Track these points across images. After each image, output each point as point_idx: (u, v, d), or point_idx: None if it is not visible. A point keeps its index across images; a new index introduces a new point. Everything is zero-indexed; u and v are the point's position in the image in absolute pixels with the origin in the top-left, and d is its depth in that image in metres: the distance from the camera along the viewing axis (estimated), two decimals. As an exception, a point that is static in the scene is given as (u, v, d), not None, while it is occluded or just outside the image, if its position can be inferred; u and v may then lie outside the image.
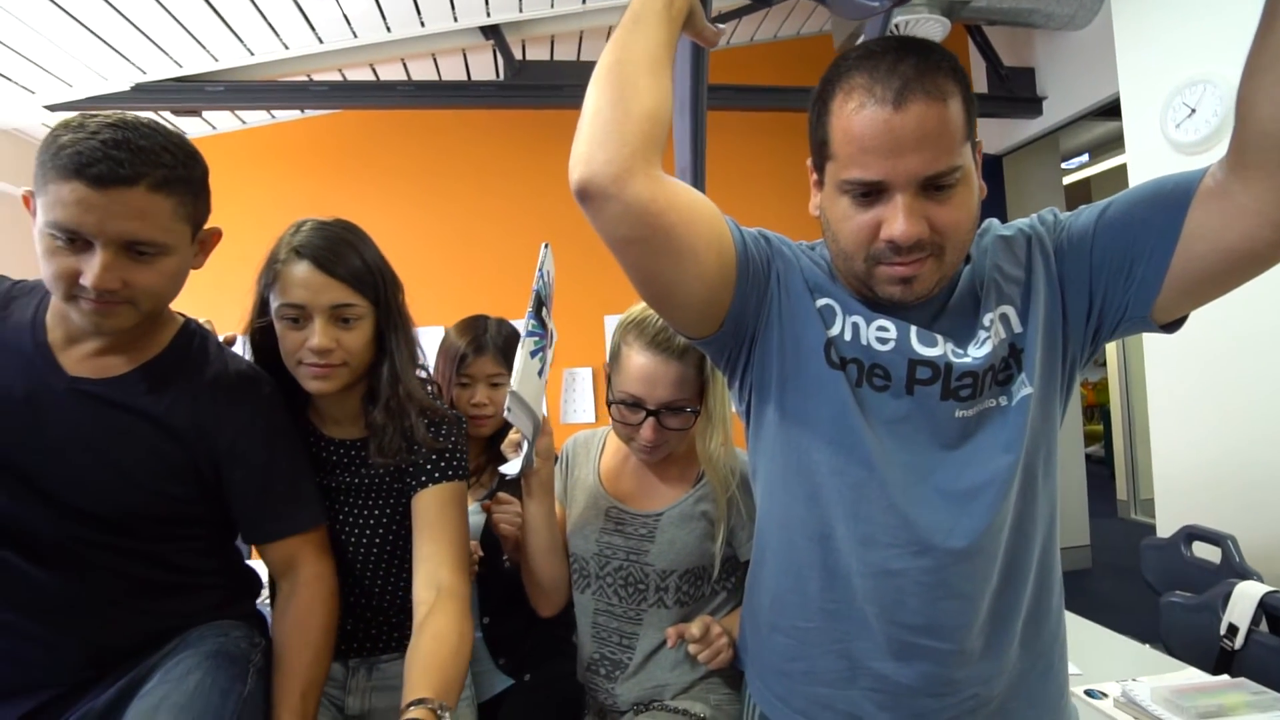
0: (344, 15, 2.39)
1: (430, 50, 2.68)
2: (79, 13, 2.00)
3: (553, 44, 2.91)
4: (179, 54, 2.33)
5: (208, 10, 2.17)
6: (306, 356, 0.93)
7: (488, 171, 3.01)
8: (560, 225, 3.00)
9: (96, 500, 0.85)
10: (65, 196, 0.77)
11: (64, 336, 0.88)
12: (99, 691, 0.86)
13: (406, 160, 2.93)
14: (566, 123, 2.99)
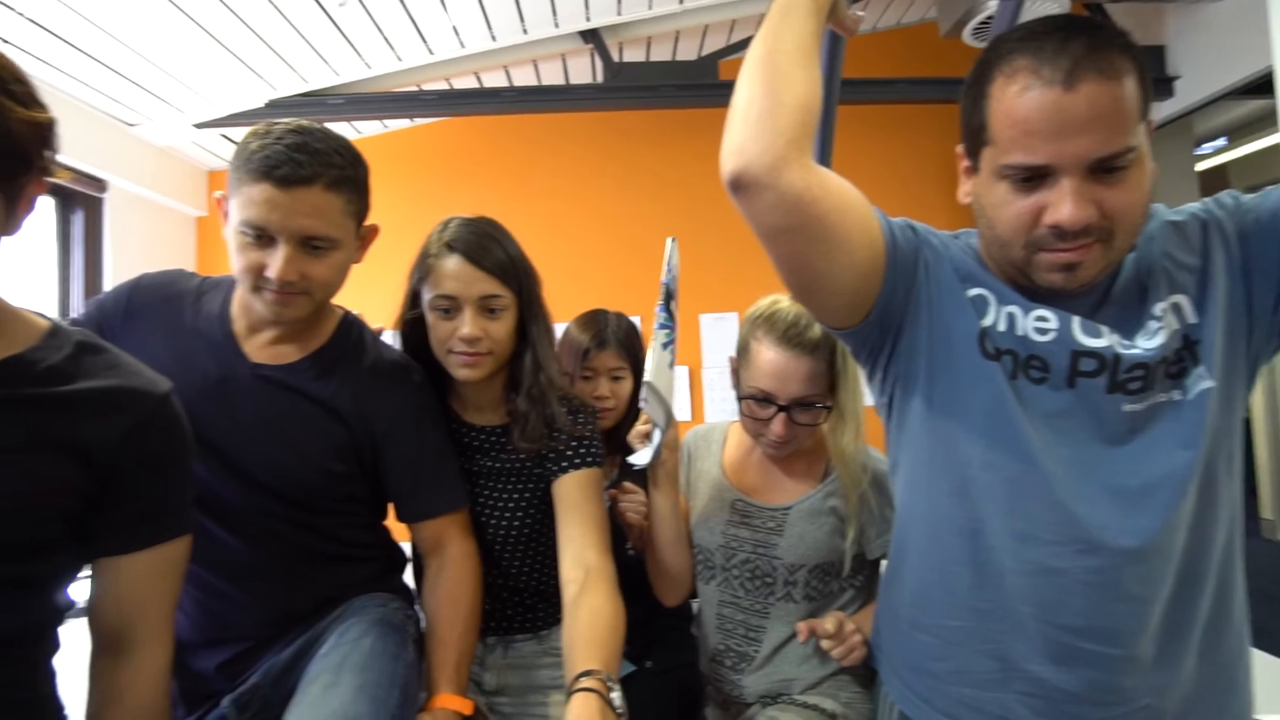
0: (453, 27, 2.50)
1: (531, 57, 2.77)
2: (218, 33, 2.17)
3: (649, 46, 2.94)
4: (305, 70, 2.50)
5: (331, 27, 2.32)
6: (456, 345, 0.99)
7: (585, 172, 3.07)
8: (656, 223, 3.06)
9: (275, 475, 0.93)
10: (255, 196, 0.84)
11: (247, 326, 0.96)
12: (281, 647, 0.94)
13: (508, 163, 3.04)
14: (663, 123, 3.04)
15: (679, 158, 3.05)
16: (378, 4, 2.27)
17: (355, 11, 2.29)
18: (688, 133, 3.03)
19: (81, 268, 2.38)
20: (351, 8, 2.28)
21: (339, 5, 2.28)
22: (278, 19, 2.17)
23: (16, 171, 0.62)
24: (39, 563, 0.70)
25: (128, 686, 0.75)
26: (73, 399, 0.70)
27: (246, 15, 2.11)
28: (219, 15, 2.07)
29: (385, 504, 1.07)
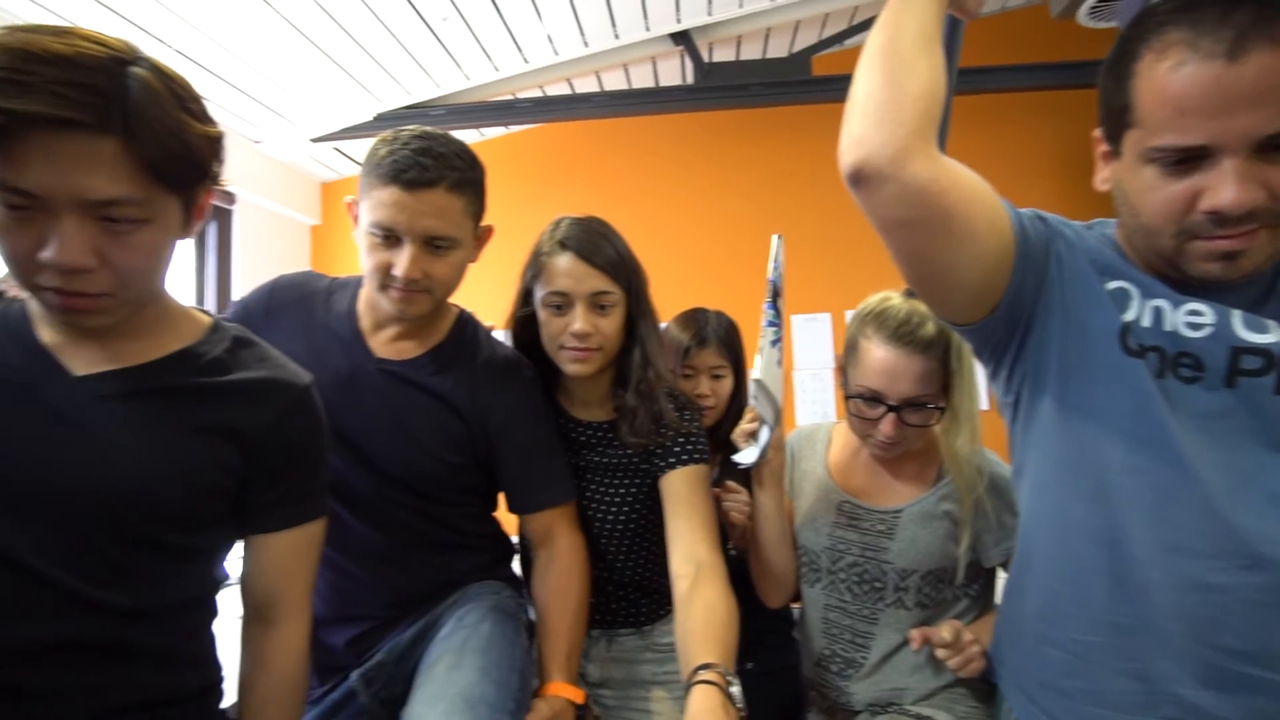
0: (547, 35, 2.57)
1: (622, 61, 2.80)
2: (331, 50, 2.31)
3: (739, 45, 2.92)
4: (409, 83, 2.63)
5: (433, 41, 2.43)
6: (568, 341, 1.02)
7: (678, 173, 3.08)
8: (750, 222, 3.03)
9: (398, 465, 0.98)
10: (385, 199, 0.89)
11: (372, 324, 1.02)
12: (404, 628, 0.99)
13: (600, 166, 3.09)
14: (755, 121, 2.98)
15: (770, 156, 3.01)
16: (477, 17, 2.36)
17: (456, 25, 2.39)
18: (781, 131, 2.99)
19: (214, 273, 2.59)
20: (453, 21, 2.39)
21: (442, 20, 2.38)
22: (385, 35, 2.30)
23: (195, 181, 0.68)
24: (203, 535, 0.77)
25: (274, 654, 0.82)
26: (231, 388, 0.76)
27: (356, 32, 2.24)
28: (332, 34, 2.21)
29: (495, 496, 1.12)
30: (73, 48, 0.60)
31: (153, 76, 0.64)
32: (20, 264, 0.62)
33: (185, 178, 0.67)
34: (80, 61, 0.59)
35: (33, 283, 0.63)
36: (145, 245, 0.66)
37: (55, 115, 0.57)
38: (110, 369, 0.71)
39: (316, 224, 3.16)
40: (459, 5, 2.29)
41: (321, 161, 3.05)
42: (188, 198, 0.69)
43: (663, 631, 1.17)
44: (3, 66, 0.56)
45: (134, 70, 0.63)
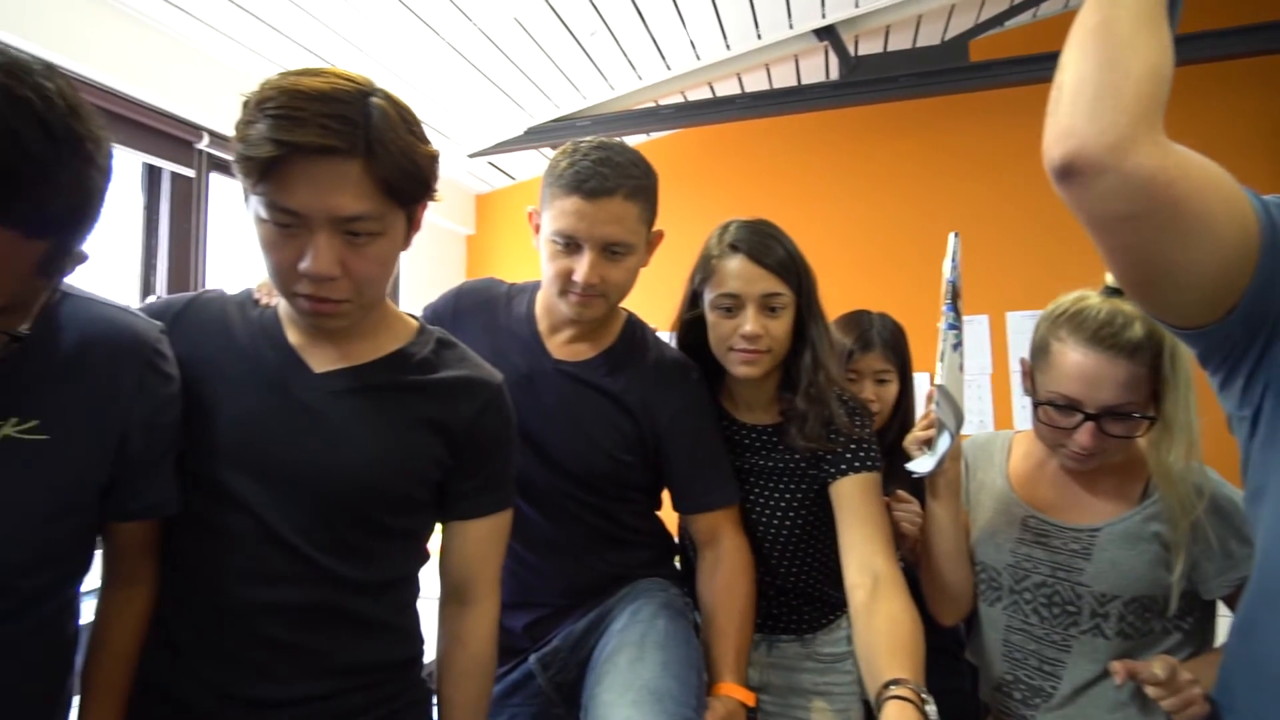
0: (690, 41, 2.59)
1: (764, 61, 2.78)
2: (484, 67, 2.46)
3: (887, 35, 2.81)
4: (557, 96, 2.75)
5: (580, 54, 2.52)
6: (737, 343, 1.02)
7: (825, 171, 3.02)
8: (905, 220, 2.90)
9: (572, 461, 1.03)
10: (567, 208, 0.94)
11: (549, 326, 1.08)
12: (577, 617, 1.04)
13: (743, 169, 3.08)
14: (905, 114, 2.82)
15: (923, 150, 2.88)
16: (622, 27, 2.43)
17: (603, 37, 2.48)
18: (935, 122, 2.85)
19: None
20: (600, 34, 2.47)
21: (590, 34, 2.48)
22: (535, 51, 2.42)
23: (420, 196, 0.76)
24: (414, 518, 0.85)
25: (469, 633, 0.88)
26: (438, 386, 0.84)
27: (509, 50, 2.37)
28: (486, 52, 2.35)
29: (660, 494, 1.14)
30: (330, 84, 0.68)
31: (388, 105, 0.71)
32: (282, 273, 0.71)
33: (414, 194, 0.74)
34: (337, 96, 0.68)
35: (290, 290, 0.72)
36: (379, 256, 0.74)
37: (321, 144, 0.65)
38: (342, 367, 0.80)
39: (471, 234, 3.39)
40: (606, 17, 2.37)
41: (476, 175, 3.26)
42: (411, 212, 0.76)
43: (825, 641, 1.15)
44: (280, 105, 0.65)
45: (374, 100, 0.70)
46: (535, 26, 2.31)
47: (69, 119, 0.53)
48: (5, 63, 0.51)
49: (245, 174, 0.67)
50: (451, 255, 3.33)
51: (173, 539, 0.77)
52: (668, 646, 0.92)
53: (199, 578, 0.76)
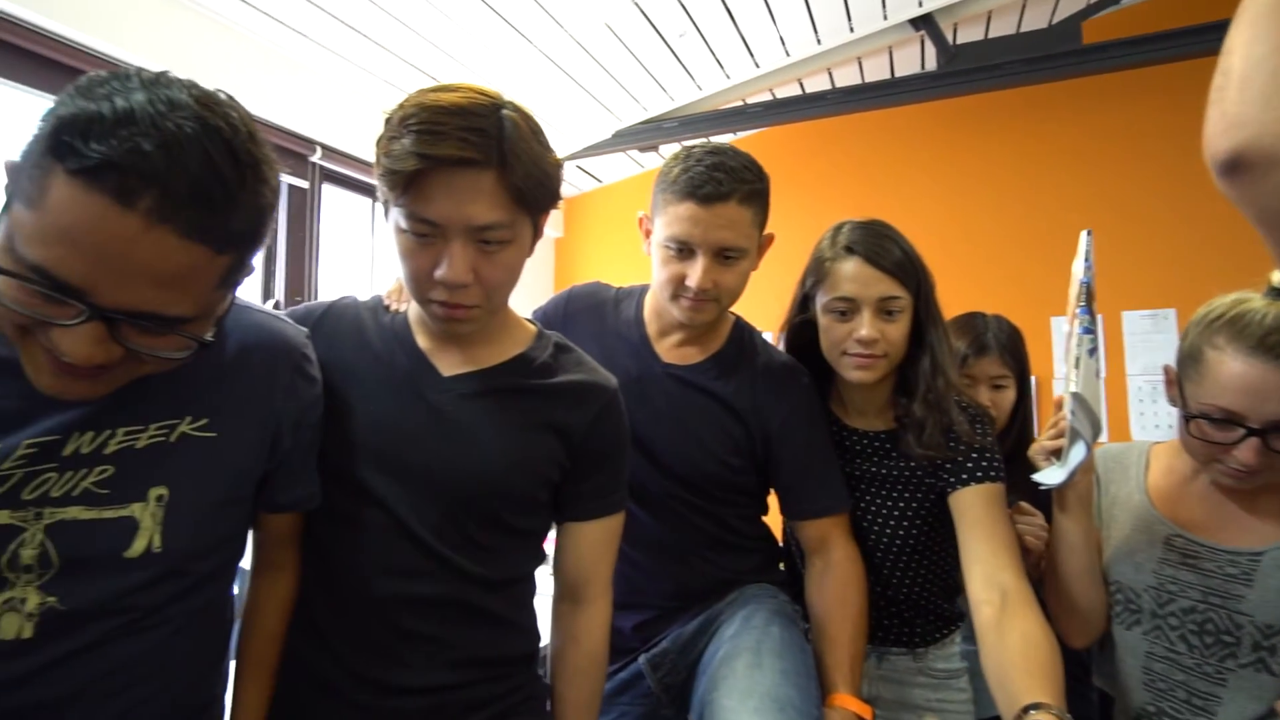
0: (780, 38, 2.55)
1: (856, 55, 2.70)
2: (574, 72, 2.50)
3: (989, 21, 2.68)
4: (645, 99, 2.77)
5: (669, 56, 2.53)
6: (851, 347, 1.00)
7: (920, 167, 2.92)
8: (1012, 216, 2.77)
9: (682, 464, 1.03)
10: (681, 214, 0.94)
11: (658, 330, 1.08)
12: (686, 620, 1.04)
13: (833, 166, 3.02)
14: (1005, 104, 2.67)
15: (1026, 142, 2.73)
16: (711, 27, 2.42)
17: (692, 37, 2.47)
18: (1041, 111, 2.70)
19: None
20: (689, 35, 2.47)
21: (679, 36, 2.48)
22: (624, 54, 2.44)
23: (548, 204, 0.78)
24: (534, 518, 0.87)
25: (583, 631, 0.90)
26: (557, 390, 0.86)
27: (598, 54, 2.40)
28: (576, 57, 2.39)
29: (767, 499, 1.13)
30: (466, 99, 0.71)
31: (519, 116, 0.74)
32: (418, 281, 0.75)
33: (542, 202, 0.76)
34: (473, 109, 0.70)
35: (425, 296, 0.76)
36: (508, 263, 0.76)
37: (460, 156, 0.68)
38: (468, 370, 0.83)
39: (560, 236, 3.45)
40: (695, 18, 2.37)
41: (565, 179, 3.32)
42: (537, 220, 0.78)
43: (938, 656, 1.11)
44: (422, 121, 0.68)
45: (505, 112, 0.73)
46: (625, 31, 2.33)
47: (249, 144, 0.57)
48: (199, 95, 0.55)
49: (390, 187, 0.70)
50: (541, 258, 3.41)
51: (316, 530, 0.82)
52: (785, 655, 0.90)
53: (339, 568, 0.80)
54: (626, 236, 3.18)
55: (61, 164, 0.50)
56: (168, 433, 0.67)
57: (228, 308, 0.63)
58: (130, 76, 0.54)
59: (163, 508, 0.66)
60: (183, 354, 0.59)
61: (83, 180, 0.50)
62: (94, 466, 0.63)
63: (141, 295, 0.54)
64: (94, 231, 0.50)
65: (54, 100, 0.54)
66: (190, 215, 0.53)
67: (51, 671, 0.62)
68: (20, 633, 0.60)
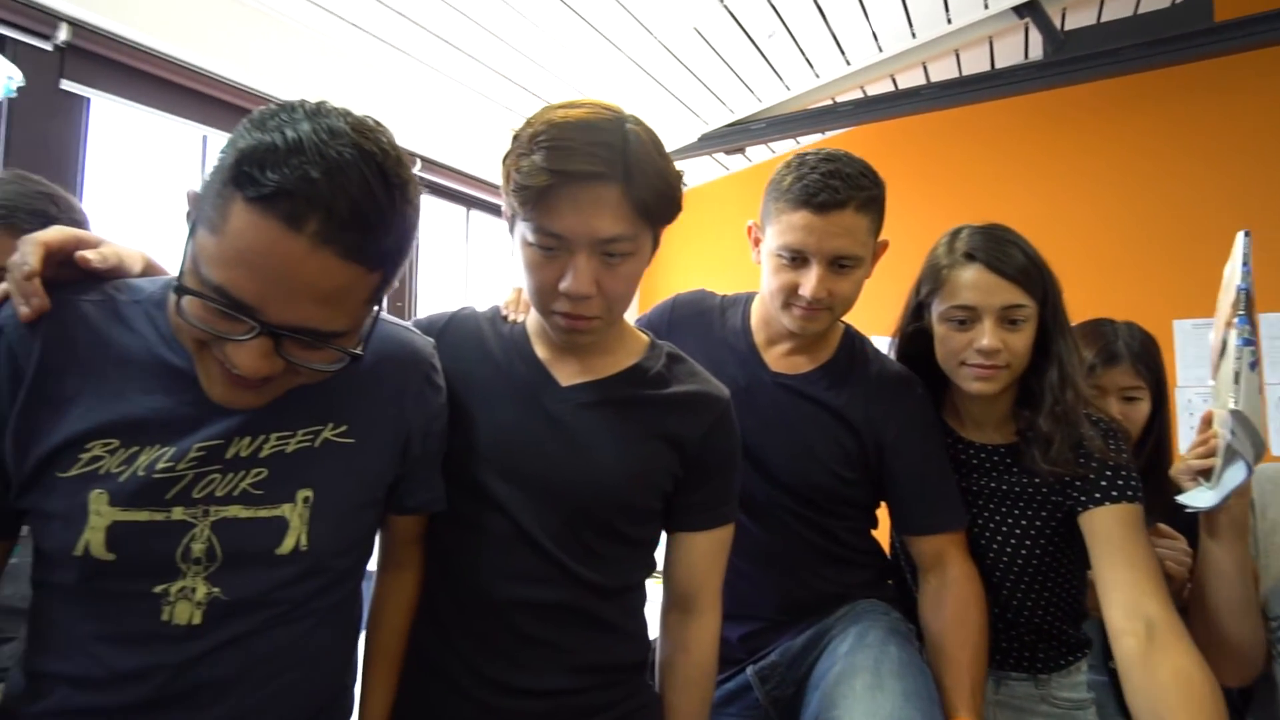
0: (873, 33, 2.48)
1: (953, 47, 2.59)
2: (659, 75, 2.50)
3: (1101, 5, 2.51)
4: (732, 101, 2.75)
5: (756, 56, 2.50)
6: (971, 357, 0.95)
7: (1023, 162, 2.77)
8: (1129, 213, 2.59)
9: (791, 475, 1.01)
10: (795, 222, 0.93)
11: (766, 339, 1.07)
12: (795, 633, 1.03)
13: (927, 164, 2.90)
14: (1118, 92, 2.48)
15: (1143, 133, 2.54)
16: (801, 26, 2.37)
17: (780, 38, 2.43)
18: (1163, 98, 2.51)
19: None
20: (778, 35, 2.43)
21: (768, 36, 2.44)
22: (710, 56, 2.42)
23: (671, 216, 0.78)
24: (647, 528, 0.87)
25: (693, 641, 0.90)
26: (672, 400, 0.86)
27: (684, 56, 2.39)
28: (661, 60, 2.39)
29: (876, 512, 1.10)
30: (591, 113, 0.72)
31: (642, 130, 0.74)
32: (543, 293, 0.76)
33: (665, 214, 0.76)
34: (599, 124, 0.71)
35: (548, 308, 0.77)
36: (629, 275, 0.77)
37: (590, 171, 0.69)
38: (585, 380, 0.85)
39: (641, 240, 3.47)
40: (784, 18, 2.33)
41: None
42: (657, 232, 0.79)
43: (1062, 684, 1.04)
44: (551, 137, 0.70)
45: (629, 126, 0.73)
46: (713, 34, 2.32)
47: (398, 167, 0.60)
48: (353, 122, 0.59)
49: (521, 202, 0.72)
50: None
51: (440, 533, 0.86)
52: (905, 676, 0.87)
53: (462, 569, 0.83)
54: (713, 240, 3.17)
55: (241, 192, 0.54)
56: (313, 438, 0.71)
57: (373, 322, 0.66)
58: (295, 108, 0.58)
59: (308, 508, 0.70)
60: (335, 366, 0.63)
61: (258, 207, 0.53)
62: (250, 469, 0.68)
63: (305, 312, 0.57)
64: (267, 254, 0.54)
65: (232, 133, 0.58)
66: (349, 237, 0.56)
67: (217, 655, 0.67)
68: (191, 619, 0.65)
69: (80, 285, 0.67)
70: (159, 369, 0.66)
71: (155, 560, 0.64)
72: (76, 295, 0.66)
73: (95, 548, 0.62)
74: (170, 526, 0.64)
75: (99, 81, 1.53)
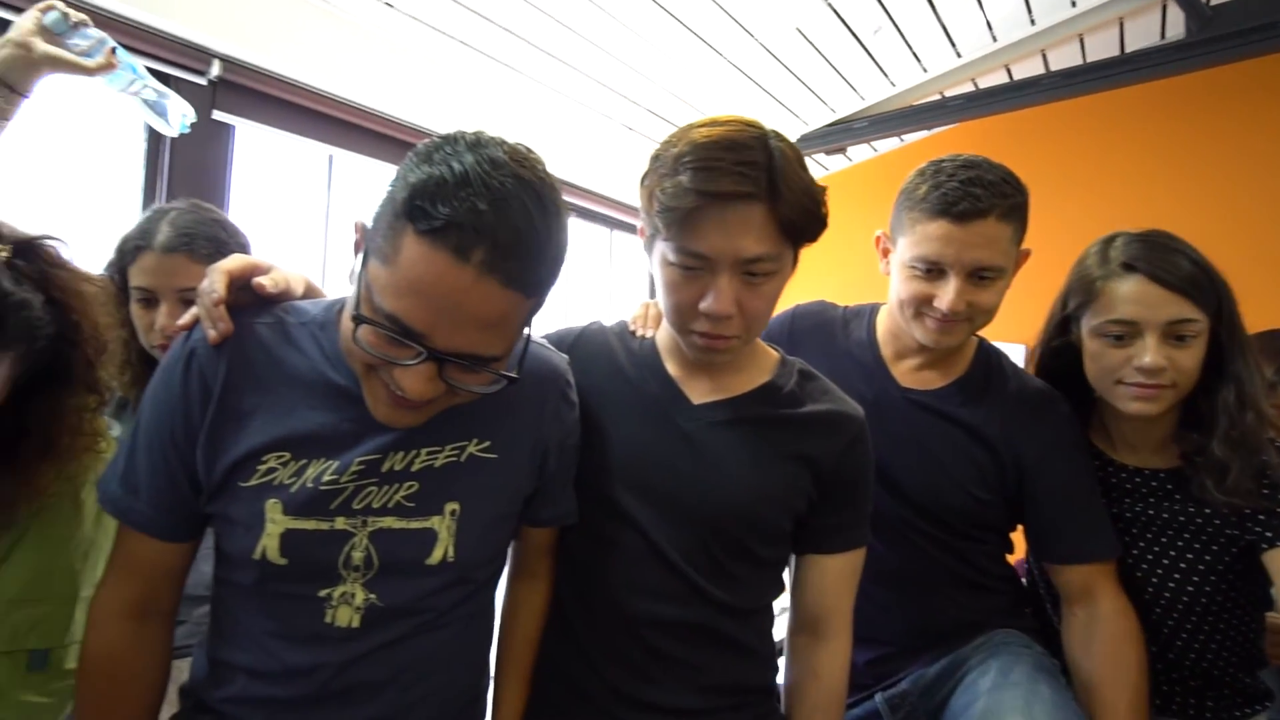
0: (987, 22, 2.35)
1: (1077, 32, 2.42)
2: (757, 76, 2.45)
3: (1252, -23, 2.28)
4: (833, 100, 2.67)
5: (860, 53, 2.41)
6: (1129, 376, 0.88)
7: (1156, 157, 2.55)
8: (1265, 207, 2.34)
9: (922, 494, 0.97)
10: (932, 233, 0.89)
11: (894, 352, 1.03)
12: (927, 661, 0.98)
13: (1047, 159, 2.70)
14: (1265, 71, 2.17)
15: None
16: (909, 19, 2.28)
17: (886, 32, 2.34)
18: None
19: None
20: (885, 31, 2.35)
21: (874, 32, 2.36)
22: (811, 55, 2.36)
23: (816, 234, 0.76)
24: (779, 549, 0.86)
25: (824, 667, 0.87)
26: (806, 420, 0.84)
27: (783, 56, 2.34)
28: (760, 61, 2.34)
29: (1010, 536, 1.04)
30: (736, 131, 0.71)
31: (786, 145, 0.73)
32: (682, 312, 0.76)
33: (812, 231, 0.75)
34: (744, 142, 0.71)
35: (687, 327, 0.77)
36: (770, 294, 0.75)
37: (737, 191, 0.68)
38: (718, 399, 0.84)
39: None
40: (890, 11, 2.24)
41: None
42: (799, 249, 0.77)
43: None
44: (698, 158, 0.70)
45: (773, 143, 0.72)
46: (816, 33, 2.26)
47: (553, 194, 0.61)
48: (509, 151, 0.60)
49: (666, 224, 0.72)
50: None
51: (573, 547, 0.87)
52: (1056, 716, 0.82)
53: (595, 583, 0.84)
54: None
55: (413, 225, 0.56)
56: (459, 453, 0.74)
57: (525, 345, 0.68)
58: (457, 140, 0.60)
59: (455, 521, 0.73)
60: (492, 388, 0.65)
61: (429, 239, 0.56)
62: (403, 482, 0.71)
63: (468, 338, 0.59)
64: (436, 283, 0.57)
65: (399, 167, 0.61)
66: (511, 266, 0.58)
67: (372, 657, 0.71)
68: (351, 622, 0.70)
69: (255, 308, 0.73)
70: (324, 387, 0.70)
71: (321, 566, 0.69)
72: (252, 318, 0.72)
73: (271, 553, 0.67)
74: (333, 535, 0.69)
75: (244, 110, 1.66)
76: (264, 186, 1.85)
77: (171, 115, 1.07)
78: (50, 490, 0.74)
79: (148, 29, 1.46)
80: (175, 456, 0.69)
